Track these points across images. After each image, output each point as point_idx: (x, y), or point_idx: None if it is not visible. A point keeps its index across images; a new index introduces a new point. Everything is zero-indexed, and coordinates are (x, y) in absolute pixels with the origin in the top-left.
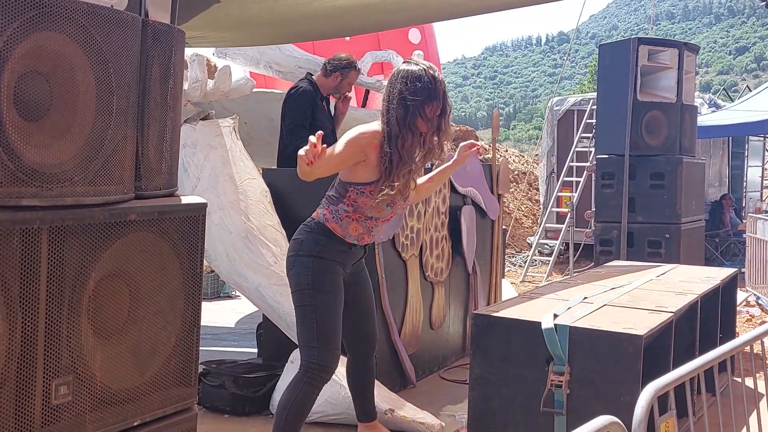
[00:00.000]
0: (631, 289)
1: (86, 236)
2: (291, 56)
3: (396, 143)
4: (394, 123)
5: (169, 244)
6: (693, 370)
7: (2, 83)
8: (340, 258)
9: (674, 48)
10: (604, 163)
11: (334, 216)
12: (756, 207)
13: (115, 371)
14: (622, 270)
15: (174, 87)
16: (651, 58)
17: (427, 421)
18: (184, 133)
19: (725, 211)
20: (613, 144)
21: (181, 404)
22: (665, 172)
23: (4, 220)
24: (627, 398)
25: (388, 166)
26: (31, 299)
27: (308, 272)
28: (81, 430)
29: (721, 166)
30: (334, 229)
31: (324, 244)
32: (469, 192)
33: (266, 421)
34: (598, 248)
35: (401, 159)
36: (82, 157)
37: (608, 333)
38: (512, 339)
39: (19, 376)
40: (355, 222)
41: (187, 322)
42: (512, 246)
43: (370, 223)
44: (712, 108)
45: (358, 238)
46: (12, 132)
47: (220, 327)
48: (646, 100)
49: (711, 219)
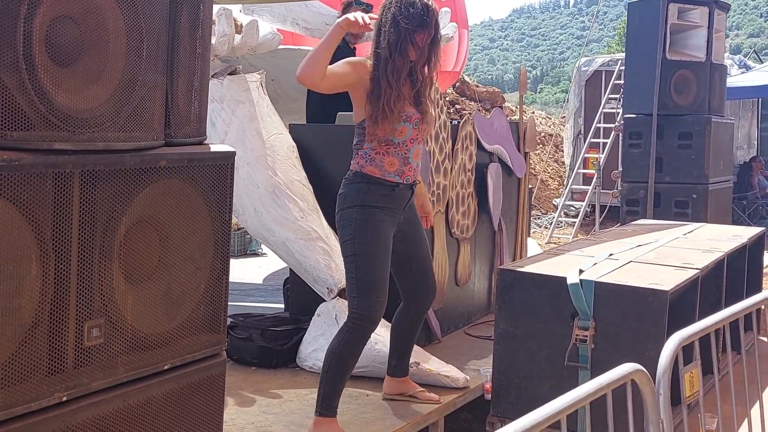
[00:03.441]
0: (657, 246)
1: (117, 181)
2: (318, 12)
3: (385, 68)
4: (385, 47)
5: (198, 192)
6: (719, 321)
7: (34, 27)
8: (385, 202)
9: (704, 6)
10: (631, 123)
11: (366, 159)
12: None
13: (146, 315)
14: (648, 228)
15: (202, 36)
16: (681, 17)
17: (452, 374)
18: (212, 89)
19: (754, 173)
20: (642, 103)
21: (211, 350)
22: (693, 131)
23: (37, 164)
24: (651, 353)
25: (375, 91)
26: (63, 242)
27: (352, 223)
28: (113, 372)
29: (750, 128)
30: (372, 173)
31: (365, 192)
32: (495, 149)
33: (293, 373)
34: (625, 208)
35: (389, 85)
36: (113, 103)
37: (634, 288)
38: (537, 294)
39: (52, 318)
40: (387, 155)
41: (216, 269)
42: (538, 208)
43: (401, 149)
44: (741, 69)
45: (398, 173)
46: (44, 76)
47: (247, 283)
48: (675, 59)
49: (739, 181)
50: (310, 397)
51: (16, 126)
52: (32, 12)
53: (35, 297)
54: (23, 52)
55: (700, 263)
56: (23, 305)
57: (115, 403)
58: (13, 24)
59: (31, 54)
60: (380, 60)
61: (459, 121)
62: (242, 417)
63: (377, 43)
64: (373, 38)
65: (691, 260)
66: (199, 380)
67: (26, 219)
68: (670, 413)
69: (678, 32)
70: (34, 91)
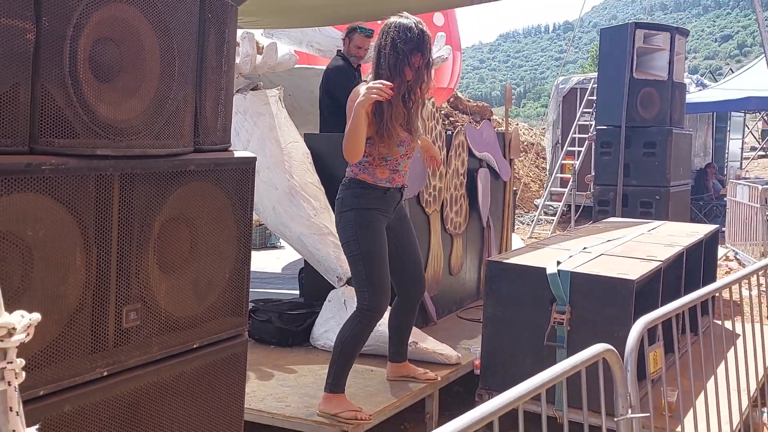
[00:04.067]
0: (625, 241)
1: (152, 183)
2: (330, 36)
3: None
4: (385, 67)
5: (224, 192)
6: (679, 307)
7: (79, 48)
8: (379, 204)
9: (667, 32)
10: (603, 134)
11: (361, 168)
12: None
13: (177, 301)
14: (617, 225)
15: (227, 55)
16: (646, 41)
17: (446, 352)
18: (236, 102)
19: (709, 177)
20: (612, 117)
21: (234, 331)
22: (657, 141)
23: (81, 167)
24: (620, 334)
25: (377, 110)
26: (104, 236)
27: (351, 225)
28: (148, 351)
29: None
30: (365, 179)
31: (360, 195)
32: (484, 156)
33: (307, 351)
34: (597, 208)
35: (389, 102)
36: (148, 114)
37: (605, 278)
38: (520, 283)
39: (94, 302)
40: (379, 167)
41: (239, 260)
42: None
43: (392, 163)
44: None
45: (388, 180)
46: (88, 91)
47: (267, 272)
48: (641, 78)
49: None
50: (321, 372)
51: (63, 134)
52: (77, 34)
53: (80, 284)
54: (69, 69)
55: (663, 256)
56: (69, 291)
57: (150, 378)
58: (60, 45)
59: (77, 71)
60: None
61: (452, 132)
62: (262, 389)
63: (377, 64)
64: (372, 60)
65: (654, 253)
66: (224, 357)
67: (72, 216)
68: (637, 387)
69: (643, 55)
70: (79, 104)
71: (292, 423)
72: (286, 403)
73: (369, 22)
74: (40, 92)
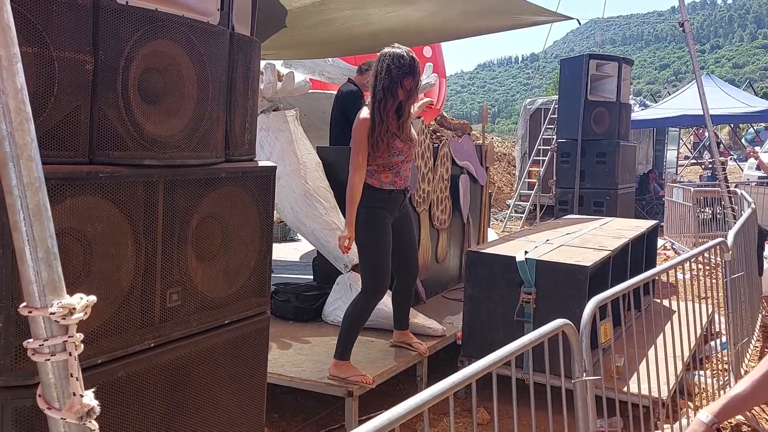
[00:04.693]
0: (581, 234)
1: (190, 188)
2: (338, 66)
3: (379, 106)
4: (380, 90)
5: (250, 195)
6: (625, 288)
7: (129, 76)
8: (384, 203)
9: (615, 61)
10: (563, 146)
11: (369, 174)
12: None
13: (211, 284)
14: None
15: (252, 82)
16: (598, 69)
17: (433, 326)
18: (260, 121)
19: (650, 181)
20: (570, 131)
21: (258, 309)
22: (607, 152)
23: (132, 174)
24: (577, 311)
25: (372, 127)
26: (151, 232)
27: (361, 221)
28: (187, 326)
29: (648, 149)
30: (372, 183)
31: (368, 196)
32: (465, 165)
33: (319, 325)
34: (558, 207)
35: (381, 119)
36: (187, 131)
37: (564, 264)
38: (495, 268)
39: (143, 286)
40: (383, 172)
41: (262, 251)
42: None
43: (394, 169)
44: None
45: (392, 182)
46: (137, 111)
47: (286, 261)
48: (594, 99)
49: (640, 187)
50: (331, 343)
51: (117, 147)
52: (128, 65)
53: (130, 271)
54: (121, 93)
55: (612, 246)
56: (122, 277)
57: (189, 348)
58: (114, 74)
59: (127, 95)
60: (375, 100)
61: (438, 145)
62: (282, 357)
63: (374, 86)
64: (370, 84)
65: (605, 244)
66: (250, 331)
67: (124, 215)
68: (590, 354)
69: (596, 80)
70: (130, 122)
71: (306, 385)
72: (302, 368)
73: (370, 53)
74: (98, 113)
